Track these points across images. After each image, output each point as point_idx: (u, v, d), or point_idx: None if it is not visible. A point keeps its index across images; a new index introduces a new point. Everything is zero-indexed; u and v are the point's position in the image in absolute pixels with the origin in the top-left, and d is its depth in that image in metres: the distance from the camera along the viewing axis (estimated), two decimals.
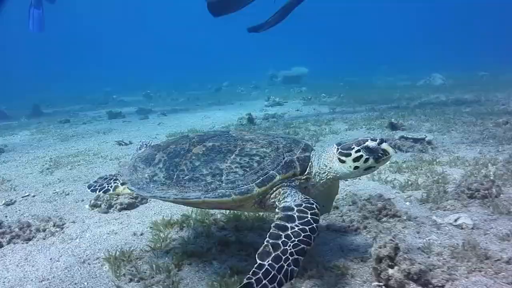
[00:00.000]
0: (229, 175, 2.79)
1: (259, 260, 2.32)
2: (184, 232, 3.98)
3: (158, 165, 3.09)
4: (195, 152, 3.00)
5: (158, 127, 11.86)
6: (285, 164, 2.82)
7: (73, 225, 4.45)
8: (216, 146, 3.00)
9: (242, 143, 2.98)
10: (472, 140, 6.98)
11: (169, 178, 2.94)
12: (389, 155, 2.78)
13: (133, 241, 3.89)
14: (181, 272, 3.20)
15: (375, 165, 2.79)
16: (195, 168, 2.90)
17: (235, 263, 3.20)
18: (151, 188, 2.96)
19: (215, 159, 2.90)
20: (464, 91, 14.86)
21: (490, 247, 3.18)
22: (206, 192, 2.76)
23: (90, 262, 3.52)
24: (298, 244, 2.37)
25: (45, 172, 6.97)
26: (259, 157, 2.85)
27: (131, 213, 4.72)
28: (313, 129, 9.09)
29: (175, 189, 2.86)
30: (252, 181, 2.74)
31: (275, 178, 2.74)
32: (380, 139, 2.77)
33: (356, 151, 2.75)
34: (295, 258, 2.32)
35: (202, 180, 2.82)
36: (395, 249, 2.81)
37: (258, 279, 2.22)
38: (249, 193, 2.70)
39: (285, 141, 3.03)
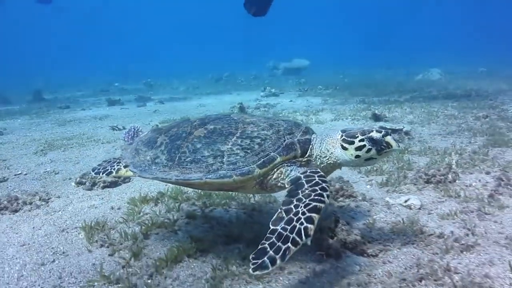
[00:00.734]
0: (230, 157, 2.82)
1: (272, 226, 2.37)
2: (158, 207, 4.30)
3: (160, 147, 3.13)
4: (197, 135, 3.02)
5: (154, 114, 12.19)
6: (285, 146, 2.85)
7: (58, 199, 4.80)
8: (218, 128, 3.02)
9: (243, 126, 3.00)
10: (449, 132, 7.23)
11: (171, 160, 2.97)
12: (392, 149, 2.78)
13: (110, 214, 4.23)
14: (148, 240, 3.53)
15: (377, 156, 2.79)
16: (196, 150, 2.93)
17: (197, 233, 3.52)
18: (153, 170, 3.01)
19: (217, 141, 2.92)
20: (457, 86, 15.02)
21: (429, 224, 3.49)
22: (208, 173, 2.79)
23: (68, 231, 3.86)
24: (310, 203, 2.40)
25: (39, 153, 7.32)
26: (260, 139, 2.88)
27: (112, 191, 5.05)
28: (300, 118, 9.38)
29: (177, 171, 2.90)
30: (253, 162, 2.76)
31: (275, 160, 2.77)
32: (385, 131, 2.77)
33: (360, 140, 2.76)
34: (308, 216, 2.33)
35: (203, 162, 2.85)
36: (335, 222, 3.13)
37: (272, 243, 2.26)
38: (250, 174, 2.73)
39: (286, 124, 3.05)
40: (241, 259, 3.00)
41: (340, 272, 2.77)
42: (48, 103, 17.37)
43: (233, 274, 2.81)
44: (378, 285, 2.58)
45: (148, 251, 3.30)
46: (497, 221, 3.49)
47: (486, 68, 23.40)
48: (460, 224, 3.45)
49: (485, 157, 5.41)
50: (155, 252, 3.28)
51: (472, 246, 3.03)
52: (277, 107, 12.10)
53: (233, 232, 3.44)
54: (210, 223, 3.80)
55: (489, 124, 7.62)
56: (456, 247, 3.03)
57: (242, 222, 3.75)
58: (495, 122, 7.80)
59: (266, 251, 2.23)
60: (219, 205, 4.23)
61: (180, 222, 3.86)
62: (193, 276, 2.86)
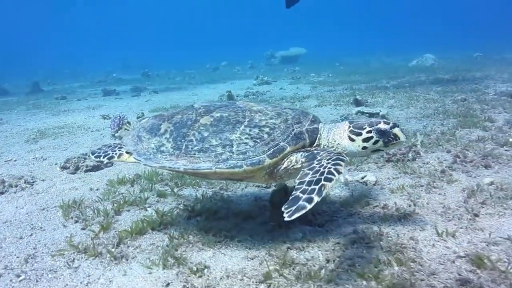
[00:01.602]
0: (240, 146, 2.79)
1: (299, 180, 2.44)
2: (133, 188, 4.60)
3: (165, 135, 3.06)
4: (203, 123, 2.98)
5: (146, 103, 12.45)
6: (294, 135, 2.84)
7: (42, 182, 5.10)
8: (224, 116, 2.98)
9: (251, 114, 2.97)
10: (424, 115, 7.45)
11: (178, 149, 2.92)
12: (400, 141, 2.80)
13: (88, 194, 4.53)
14: (119, 216, 3.82)
15: (384, 148, 2.83)
16: (204, 138, 2.89)
17: (164, 209, 3.81)
18: (159, 158, 2.95)
19: (224, 130, 2.88)
20: (448, 71, 15.13)
21: (378, 198, 3.76)
22: (217, 162, 2.76)
23: (48, 209, 4.17)
24: (331, 158, 2.53)
25: (31, 141, 7.63)
26: (269, 128, 2.86)
27: (94, 174, 5.35)
28: (285, 105, 9.59)
29: (185, 160, 2.85)
30: (263, 152, 2.75)
31: (285, 150, 2.76)
32: (393, 123, 2.79)
33: (367, 132, 2.78)
34: (334, 161, 2.47)
35: (212, 151, 2.82)
36: (285, 195, 3.39)
37: (303, 190, 2.33)
38: (260, 164, 2.72)
39: (294, 113, 3.03)
40: (198, 230, 3.29)
41: (285, 239, 3.04)
42: (46, 94, 17.66)
43: (188, 243, 3.10)
44: (315, 248, 2.86)
45: (117, 226, 3.60)
46: (441, 194, 3.75)
47: (482, 53, 23.38)
48: (406, 197, 3.71)
49: (451, 137, 5.64)
50: (124, 226, 3.56)
51: (409, 214, 3.30)
52: (267, 94, 12.32)
53: (196, 208, 3.73)
54: (178, 201, 4.09)
55: (465, 107, 7.83)
56: (395, 215, 3.30)
57: (207, 199, 4.03)
58: (471, 105, 8.00)
59: (299, 197, 2.28)
60: (189, 185, 4.51)
61: (151, 200, 4.16)
62: (153, 244, 3.16)
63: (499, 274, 2.38)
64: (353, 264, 2.58)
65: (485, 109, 7.48)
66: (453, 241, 2.84)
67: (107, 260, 2.96)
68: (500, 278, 2.35)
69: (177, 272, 2.68)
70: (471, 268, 2.49)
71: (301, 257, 2.73)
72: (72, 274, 2.83)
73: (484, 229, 3.00)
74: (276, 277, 2.51)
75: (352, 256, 2.68)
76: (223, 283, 2.54)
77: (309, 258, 2.71)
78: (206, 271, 2.68)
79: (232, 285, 2.51)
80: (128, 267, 2.85)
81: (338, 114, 8.21)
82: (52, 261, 3.04)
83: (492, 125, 6.25)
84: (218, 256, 2.89)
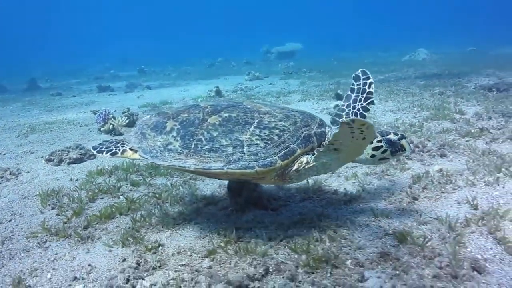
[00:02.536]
0: (251, 147, 2.80)
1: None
2: (110, 178, 4.88)
3: (171, 133, 3.03)
4: (211, 122, 2.97)
5: (137, 99, 12.74)
6: (303, 138, 2.88)
7: (27, 174, 5.40)
8: (233, 117, 2.98)
9: (260, 116, 2.99)
10: (400, 108, 7.71)
11: (186, 148, 2.91)
12: (405, 151, 2.94)
13: (68, 184, 4.82)
14: (94, 203, 4.12)
15: (390, 157, 2.94)
16: (213, 138, 2.88)
17: (134, 196, 4.10)
18: (167, 157, 2.93)
19: (234, 130, 2.89)
20: (437, 66, 15.34)
21: (332, 184, 4.04)
22: (229, 163, 2.76)
23: (29, 198, 4.47)
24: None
25: (21, 136, 7.94)
26: (279, 130, 2.88)
27: (77, 166, 5.65)
28: (268, 99, 9.88)
29: (195, 159, 2.84)
30: (274, 154, 2.78)
31: (296, 152, 2.80)
32: (401, 135, 2.92)
33: (378, 141, 2.88)
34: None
35: (223, 151, 2.82)
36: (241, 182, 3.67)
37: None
38: (272, 166, 2.74)
39: (302, 116, 3.07)
40: (160, 214, 3.58)
41: (237, 221, 3.33)
42: (43, 91, 17.97)
43: (150, 225, 3.39)
44: (262, 228, 3.14)
45: (90, 211, 3.89)
46: (391, 180, 4.03)
47: (475, 47, 23.56)
48: (357, 183, 3.99)
49: (417, 129, 5.91)
50: (96, 212, 3.86)
51: (355, 199, 3.59)
52: (255, 90, 12.59)
53: (163, 195, 4.03)
54: (149, 189, 4.39)
55: (440, 100, 8.08)
56: (342, 200, 3.59)
57: (176, 187, 4.32)
58: (447, 98, 8.25)
59: None
60: (162, 175, 4.80)
61: (124, 189, 4.45)
62: (118, 227, 3.45)
63: (417, 248, 2.66)
64: (290, 241, 2.86)
65: (458, 102, 7.73)
66: (386, 221, 3.12)
67: (75, 240, 3.25)
68: (416, 251, 2.63)
69: (133, 250, 2.98)
70: (395, 243, 2.77)
71: (246, 235, 3.01)
72: (42, 252, 3.13)
73: (419, 211, 3.28)
74: (220, 252, 2.80)
75: (292, 235, 2.96)
76: (173, 258, 2.82)
77: (253, 237, 2.99)
78: (160, 249, 2.97)
79: (181, 260, 2.79)
80: (92, 246, 3.15)
81: (319, 108, 8.47)
82: (26, 242, 3.34)
83: (461, 118, 6.51)
84: (174, 236, 3.18)
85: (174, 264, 2.75)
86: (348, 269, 2.50)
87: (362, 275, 2.44)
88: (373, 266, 2.53)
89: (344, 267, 2.53)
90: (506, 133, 5.36)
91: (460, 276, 2.36)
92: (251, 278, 2.46)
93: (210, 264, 2.69)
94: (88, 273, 2.76)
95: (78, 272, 2.77)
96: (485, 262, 2.51)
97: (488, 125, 5.90)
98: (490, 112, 6.65)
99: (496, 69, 12.77)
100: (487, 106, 7.10)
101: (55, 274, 2.78)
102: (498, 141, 5.14)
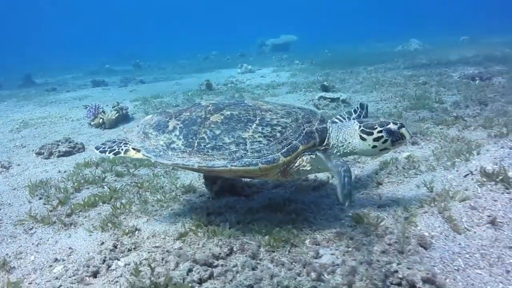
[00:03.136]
0: (254, 144, 2.83)
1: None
2: (97, 170, 5.09)
3: (174, 132, 3.05)
4: (214, 120, 3.00)
5: (130, 93, 12.90)
6: (306, 134, 2.89)
7: (18, 167, 5.61)
8: (235, 115, 3.01)
9: (262, 113, 3.01)
10: (382, 98, 7.90)
11: (189, 146, 2.93)
12: (405, 140, 2.94)
13: (56, 176, 5.03)
14: (79, 193, 4.33)
15: (391, 147, 2.96)
16: (216, 136, 2.91)
17: (117, 186, 4.31)
18: (170, 155, 2.95)
19: (236, 127, 2.92)
20: (427, 56, 15.49)
21: None
22: (232, 160, 2.79)
23: (18, 189, 4.68)
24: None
25: (14, 131, 8.13)
26: (281, 127, 2.91)
27: (66, 159, 5.86)
28: (257, 92, 10.06)
29: (198, 157, 2.87)
30: (277, 150, 2.80)
31: (298, 148, 2.82)
32: (400, 124, 2.92)
33: (378, 132, 2.90)
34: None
35: (226, 149, 2.84)
36: None
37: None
38: (275, 162, 2.77)
39: (303, 112, 3.08)
40: (140, 202, 3.80)
41: (209, 206, 3.55)
42: (38, 86, 18.11)
43: (129, 212, 3.61)
44: (232, 213, 3.36)
45: (75, 201, 4.10)
46: (361, 167, 4.26)
47: (468, 36, 23.67)
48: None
49: (395, 119, 6.09)
50: (80, 201, 4.08)
51: (324, 185, 3.81)
52: (246, 83, 12.75)
53: (144, 185, 4.24)
54: (132, 179, 4.60)
55: (422, 90, 8.27)
56: (311, 186, 3.81)
57: (158, 177, 4.53)
58: (430, 88, 8.44)
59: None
60: (146, 166, 5.01)
61: (109, 179, 4.67)
62: (100, 214, 3.67)
63: (371, 228, 2.88)
64: (256, 224, 3.08)
65: (440, 92, 7.92)
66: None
67: (58, 227, 3.47)
68: (370, 231, 2.85)
69: (111, 234, 3.20)
70: (352, 224, 2.99)
71: (217, 219, 3.23)
72: (27, 238, 3.35)
73: (381, 194, 3.50)
74: (191, 235, 3.02)
75: (258, 218, 3.18)
76: (148, 241, 3.05)
77: (223, 220, 3.20)
78: (137, 233, 3.19)
79: (155, 242, 3.01)
80: (74, 231, 3.37)
81: (305, 99, 8.66)
82: (14, 229, 3.57)
83: (439, 106, 6.70)
84: (151, 221, 3.41)
85: (148, 246, 2.97)
86: (306, 248, 2.73)
87: (318, 252, 2.67)
88: (329, 245, 2.76)
89: (302, 246, 2.75)
90: (479, 121, 5.57)
91: (406, 251, 2.59)
92: (216, 257, 2.68)
93: (181, 245, 2.91)
94: (69, 255, 2.98)
95: (59, 255, 3.00)
96: (431, 238, 2.74)
97: (464, 114, 6.10)
98: (468, 101, 6.85)
99: (484, 58, 12.92)
100: (466, 95, 7.29)
101: (38, 257, 3.01)
102: (470, 128, 5.34)
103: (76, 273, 2.71)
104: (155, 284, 2.42)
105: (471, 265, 2.48)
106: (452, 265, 2.50)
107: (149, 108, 9.28)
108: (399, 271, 2.39)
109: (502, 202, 2.91)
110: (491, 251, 2.55)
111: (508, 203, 2.89)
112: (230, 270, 2.55)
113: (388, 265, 2.45)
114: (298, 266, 2.55)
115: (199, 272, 2.52)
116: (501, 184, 3.05)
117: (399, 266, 2.43)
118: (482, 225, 2.77)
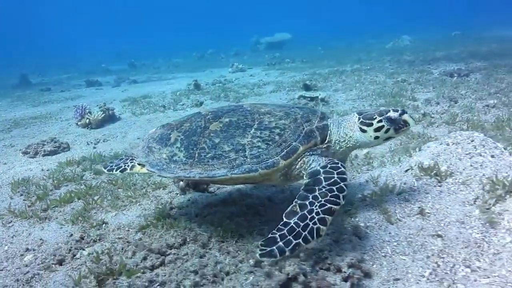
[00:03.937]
0: (253, 150, 2.79)
1: (285, 219, 2.46)
2: (78, 168, 5.37)
3: (175, 144, 3.05)
4: (213, 129, 2.98)
5: (121, 93, 13.17)
6: (305, 134, 2.83)
7: (4, 165, 5.90)
8: (234, 121, 2.98)
9: (260, 117, 2.96)
10: (360, 97, 8.16)
11: (190, 157, 2.93)
12: (409, 126, 2.85)
13: (39, 174, 5.32)
14: (58, 190, 4.62)
15: (395, 135, 2.88)
16: (216, 145, 2.89)
17: (94, 184, 4.59)
18: (173, 168, 2.96)
19: (235, 134, 2.89)
20: (414, 52, 15.72)
21: None
22: (232, 168, 2.77)
23: (2, 186, 4.96)
24: (325, 204, 2.45)
25: (5, 131, 8.42)
26: (280, 130, 2.85)
27: (51, 158, 6.14)
28: (242, 91, 10.32)
29: (199, 168, 2.86)
30: (276, 154, 2.75)
31: (298, 150, 2.76)
32: (401, 110, 2.83)
33: (378, 121, 2.82)
34: (322, 217, 2.41)
35: (225, 157, 2.82)
36: None
37: (282, 235, 2.37)
38: (275, 166, 2.72)
39: (302, 111, 3.02)
40: (112, 197, 4.08)
41: (175, 201, 3.83)
42: (33, 86, 18.39)
43: (100, 207, 3.90)
44: (193, 208, 3.63)
45: (54, 197, 4.38)
46: None
47: (460, 31, 23.87)
48: None
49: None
50: (57, 197, 4.36)
51: None
52: (234, 82, 13.00)
53: (118, 182, 4.53)
54: (109, 177, 4.88)
55: (399, 87, 8.52)
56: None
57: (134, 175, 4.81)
58: (406, 86, 8.69)
59: (276, 241, 2.35)
60: None
61: (87, 177, 4.95)
62: (73, 209, 3.96)
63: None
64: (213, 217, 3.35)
65: (416, 89, 8.18)
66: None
67: (34, 220, 3.76)
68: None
69: (80, 227, 3.48)
70: None
71: (177, 213, 3.51)
72: (4, 230, 3.64)
73: None
74: (151, 227, 3.30)
75: (215, 211, 3.45)
76: (113, 233, 3.33)
77: (183, 214, 3.48)
78: (104, 226, 3.48)
79: (119, 234, 3.30)
80: (47, 225, 3.66)
81: (287, 98, 8.92)
82: None
83: (411, 104, 6.97)
84: (118, 215, 3.69)
85: (112, 237, 3.26)
86: (252, 238, 3.00)
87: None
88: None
89: (249, 236, 3.02)
90: (444, 118, 5.84)
91: (340, 240, 2.86)
92: (170, 246, 2.96)
93: (141, 237, 3.19)
94: (39, 246, 3.27)
95: (31, 245, 3.29)
96: (366, 228, 3.01)
97: (433, 111, 6.37)
98: (440, 98, 7.11)
99: (469, 54, 13.16)
100: (438, 92, 7.55)
101: (11, 247, 3.30)
102: (434, 125, 5.60)
103: (44, 261, 3.00)
104: (111, 270, 2.70)
105: (397, 252, 2.75)
106: (380, 252, 2.77)
107: (136, 108, 9.55)
108: (329, 257, 2.66)
109: (432, 194, 3.19)
110: (416, 239, 2.83)
111: (438, 195, 3.17)
112: (181, 258, 2.82)
113: (320, 252, 2.72)
114: (241, 254, 2.82)
115: (152, 259, 2.80)
116: (435, 178, 3.32)
117: (330, 253, 2.70)
118: (412, 216, 3.05)
